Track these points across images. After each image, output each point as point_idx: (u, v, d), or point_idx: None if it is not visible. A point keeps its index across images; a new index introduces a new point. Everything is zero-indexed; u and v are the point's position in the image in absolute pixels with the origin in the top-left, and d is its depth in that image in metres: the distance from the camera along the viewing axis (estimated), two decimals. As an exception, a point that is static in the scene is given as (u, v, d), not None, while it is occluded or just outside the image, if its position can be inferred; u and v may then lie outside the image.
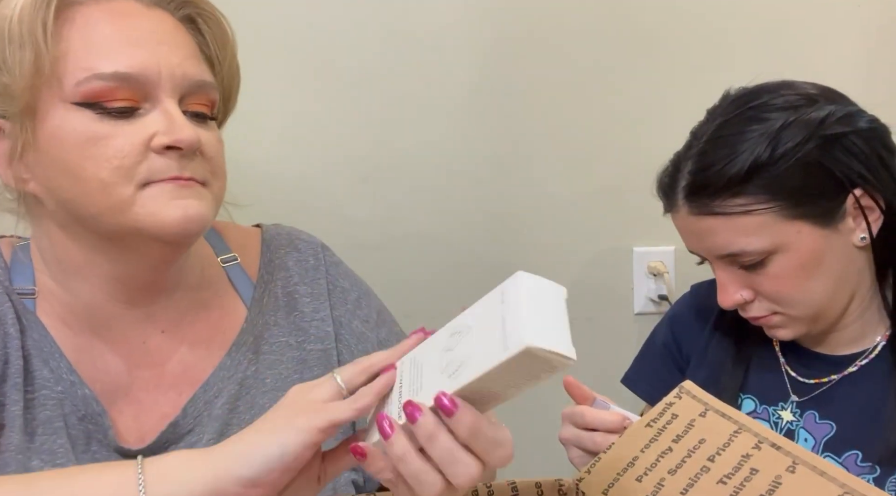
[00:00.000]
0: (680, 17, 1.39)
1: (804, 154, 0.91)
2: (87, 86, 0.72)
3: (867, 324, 0.99)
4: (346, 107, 1.35)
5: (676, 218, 1.00)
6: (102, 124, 0.72)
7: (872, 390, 0.96)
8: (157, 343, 0.83)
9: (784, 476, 0.62)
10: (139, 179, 0.72)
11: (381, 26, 1.34)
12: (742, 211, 0.92)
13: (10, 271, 0.81)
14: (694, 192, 0.95)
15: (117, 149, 0.72)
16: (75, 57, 0.72)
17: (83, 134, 0.72)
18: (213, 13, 0.81)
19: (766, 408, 1.02)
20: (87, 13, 0.73)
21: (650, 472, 0.68)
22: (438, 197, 1.40)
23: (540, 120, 1.40)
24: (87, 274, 0.79)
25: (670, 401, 0.72)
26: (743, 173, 0.91)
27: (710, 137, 0.95)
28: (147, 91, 0.74)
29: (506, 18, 1.37)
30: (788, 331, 0.98)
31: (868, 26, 1.39)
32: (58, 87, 0.72)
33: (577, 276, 1.44)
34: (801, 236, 0.92)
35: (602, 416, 0.86)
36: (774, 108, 0.94)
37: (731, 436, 0.66)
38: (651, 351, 1.17)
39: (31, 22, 0.71)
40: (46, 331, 0.79)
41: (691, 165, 0.96)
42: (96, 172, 0.72)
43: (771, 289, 0.95)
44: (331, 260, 0.93)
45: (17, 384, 0.76)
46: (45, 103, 0.72)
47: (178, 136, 0.73)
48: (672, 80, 1.39)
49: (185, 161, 0.74)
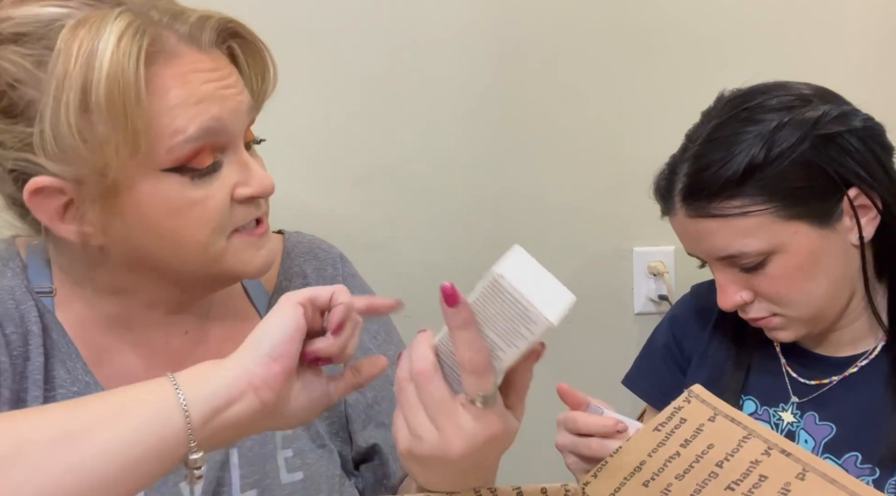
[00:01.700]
0: (680, 17, 1.38)
1: (799, 154, 0.91)
2: (177, 152, 0.71)
3: (867, 325, 0.99)
4: (345, 107, 1.35)
5: (674, 221, 1.00)
6: (194, 188, 0.72)
7: (872, 392, 0.97)
8: (180, 343, 0.84)
9: (793, 483, 0.62)
10: (228, 231, 0.75)
11: (381, 27, 1.34)
12: (739, 213, 0.92)
13: (27, 270, 0.81)
14: (691, 194, 0.95)
15: (212, 210, 0.73)
16: (159, 124, 0.70)
17: (178, 200, 0.72)
18: (254, 42, 0.80)
19: (767, 409, 1.02)
20: (160, 80, 0.70)
21: (657, 477, 0.68)
22: (438, 197, 1.39)
23: (540, 120, 1.40)
24: (130, 294, 0.80)
25: (679, 405, 0.71)
26: (739, 175, 0.91)
27: (705, 139, 0.95)
28: (223, 142, 0.74)
29: (506, 19, 1.36)
30: (789, 333, 0.98)
31: (868, 26, 1.39)
32: (148, 157, 0.70)
33: (577, 276, 1.44)
34: (798, 237, 0.92)
35: (594, 421, 0.86)
36: (769, 109, 0.94)
37: (741, 441, 0.66)
38: (652, 351, 1.17)
39: (123, 95, 0.67)
40: (64, 331, 0.80)
41: (687, 168, 0.96)
42: (194, 236, 0.73)
43: (770, 290, 0.95)
44: (348, 271, 0.94)
45: (38, 381, 0.77)
46: (133, 173, 0.70)
47: (258, 188, 0.76)
48: (672, 81, 1.39)
49: (259, 201, 0.78)
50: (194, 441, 0.62)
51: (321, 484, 0.84)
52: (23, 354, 0.78)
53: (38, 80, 0.68)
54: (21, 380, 0.77)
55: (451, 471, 0.64)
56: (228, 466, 0.82)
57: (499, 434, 0.62)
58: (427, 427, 0.62)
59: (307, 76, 1.33)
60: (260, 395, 0.63)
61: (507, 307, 0.59)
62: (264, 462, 0.83)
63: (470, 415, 0.61)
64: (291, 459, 0.84)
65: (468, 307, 0.60)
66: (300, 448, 0.84)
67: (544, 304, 0.58)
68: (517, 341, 0.60)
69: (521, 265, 0.60)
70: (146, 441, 0.60)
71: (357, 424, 0.89)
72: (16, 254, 0.82)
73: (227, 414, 0.63)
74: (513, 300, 0.59)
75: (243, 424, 0.64)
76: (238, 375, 0.63)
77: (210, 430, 0.63)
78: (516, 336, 0.60)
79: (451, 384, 0.63)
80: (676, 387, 1.10)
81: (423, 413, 0.62)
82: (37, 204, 0.71)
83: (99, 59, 0.66)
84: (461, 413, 0.62)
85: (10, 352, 0.77)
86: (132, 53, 0.67)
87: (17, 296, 0.79)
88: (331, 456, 0.86)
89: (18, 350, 0.77)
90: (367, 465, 0.90)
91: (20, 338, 0.78)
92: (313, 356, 0.67)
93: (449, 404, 0.62)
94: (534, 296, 0.58)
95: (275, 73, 0.82)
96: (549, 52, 1.38)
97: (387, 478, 0.89)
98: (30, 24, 0.69)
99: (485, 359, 0.60)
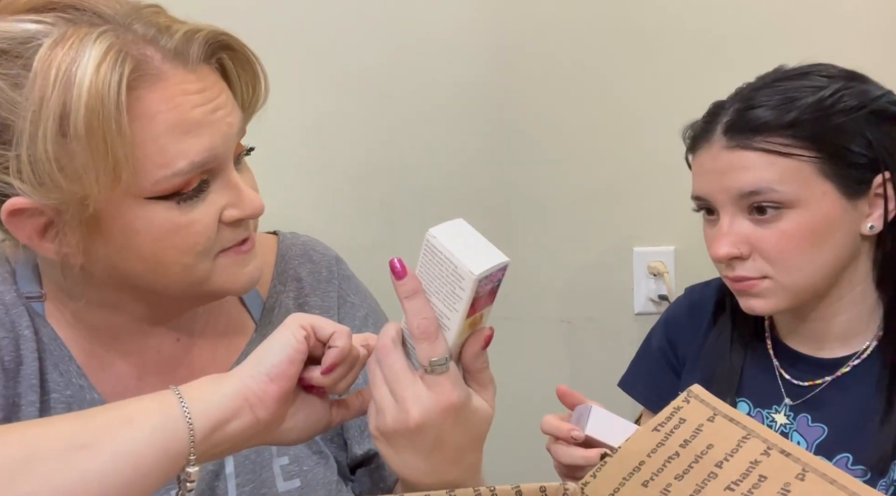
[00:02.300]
0: (680, 17, 1.38)
1: (854, 119, 0.92)
2: (165, 184, 0.68)
3: (858, 325, 0.99)
4: (345, 107, 1.35)
5: (703, 155, 0.97)
6: (180, 212, 0.70)
7: (864, 393, 0.96)
8: (171, 350, 0.83)
9: (793, 483, 0.61)
10: (214, 252, 0.74)
11: (381, 27, 1.34)
12: (783, 151, 0.91)
13: (15, 275, 0.81)
14: (738, 126, 0.94)
15: (199, 234, 0.72)
16: (145, 153, 0.67)
17: (164, 226, 0.70)
18: (245, 53, 0.77)
19: (760, 411, 1.02)
20: (145, 105, 0.67)
21: (656, 477, 0.67)
22: (438, 197, 1.39)
23: (539, 120, 1.40)
24: (117, 308, 0.79)
25: (678, 405, 0.71)
26: (796, 115, 0.91)
27: (765, 85, 0.96)
28: (213, 167, 0.72)
29: (505, 19, 1.36)
30: (769, 302, 0.96)
31: (869, 26, 1.38)
32: (132, 186, 0.67)
33: (577, 276, 1.44)
34: (825, 198, 0.92)
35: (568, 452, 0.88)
36: (833, 74, 0.95)
37: (740, 441, 0.66)
38: (647, 354, 1.17)
39: (103, 125, 0.64)
40: (56, 335, 0.79)
41: (739, 104, 0.95)
42: (180, 259, 0.72)
43: (774, 246, 0.93)
44: (344, 273, 0.93)
45: (34, 385, 0.77)
46: (114, 202, 0.68)
47: (249, 210, 0.74)
48: (672, 81, 1.39)
49: (248, 222, 0.77)
50: (194, 454, 0.62)
51: (318, 490, 0.84)
52: (15, 359, 0.77)
53: (13, 103, 0.65)
54: (14, 385, 0.76)
55: (416, 449, 0.65)
56: (224, 475, 0.81)
57: (455, 403, 0.64)
58: (388, 400, 0.65)
59: (306, 76, 1.33)
60: (255, 412, 0.64)
61: (441, 268, 0.62)
62: (260, 471, 0.83)
63: (425, 385, 0.64)
64: (288, 467, 0.83)
65: (415, 277, 0.64)
66: (296, 455, 0.84)
67: (470, 261, 0.61)
68: (455, 304, 0.62)
69: (457, 230, 0.63)
70: (153, 452, 0.61)
71: (353, 432, 0.88)
72: (4, 261, 0.81)
73: (227, 429, 0.64)
74: (443, 259, 0.61)
75: (238, 439, 0.65)
76: (236, 390, 0.64)
77: (209, 444, 0.63)
78: (453, 297, 0.62)
79: (413, 362, 0.65)
80: (671, 389, 1.09)
81: (386, 388, 0.65)
82: (14, 224, 0.69)
83: (77, 86, 0.63)
84: (417, 382, 0.64)
85: (2, 357, 0.76)
86: (112, 82, 0.64)
87: (6, 302, 0.78)
88: (327, 462, 0.86)
89: (11, 355, 0.77)
90: (364, 470, 0.90)
91: (11, 343, 0.77)
92: (307, 384, 0.69)
93: (406, 375, 0.64)
94: (462, 254, 0.61)
95: (266, 85, 0.79)
96: (549, 52, 1.38)
97: (383, 481, 0.88)
98: (5, 41, 0.66)
99: (433, 325, 0.63)
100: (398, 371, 0.64)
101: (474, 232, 0.64)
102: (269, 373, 0.65)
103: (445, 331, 0.64)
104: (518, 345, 1.43)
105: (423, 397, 0.63)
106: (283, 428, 0.68)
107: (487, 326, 0.66)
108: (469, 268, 0.60)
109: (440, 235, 0.62)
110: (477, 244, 0.63)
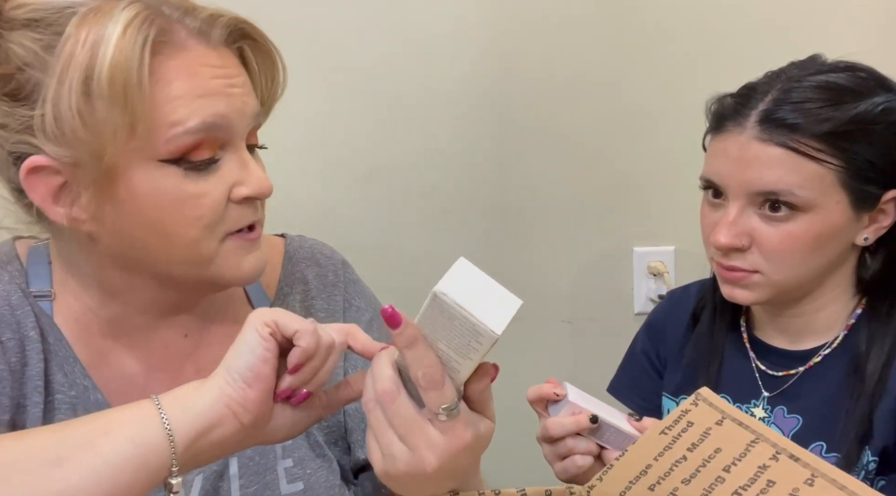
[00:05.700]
0: (681, 17, 1.38)
1: (891, 136, 0.92)
2: (175, 143, 0.70)
3: (835, 321, 1.00)
4: (346, 107, 1.35)
5: (728, 138, 0.95)
6: (190, 182, 0.72)
7: (834, 382, 0.97)
8: (179, 347, 0.83)
9: (802, 489, 0.61)
10: (221, 232, 0.74)
11: (381, 26, 1.34)
12: (814, 156, 0.90)
13: (26, 274, 0.81)
14: (775, 118, 0.91)
15: (206, 207, 0.72)
16: (160, 113, 0.70)
17: (172, 193, 0.71)
18: (265, 44, 0.80)
19: (740, 405, 1.03)
20: (164, 70, 0.70)
21: (663, 481, 0.67)
22: (438, 197, 1.39)
23: (540, 120, 1.40)
24: (125, 296, 0.79)
25: (686, 408, 0.71)
26: (837, 123, 0.90)
27: (805, 77, 0.94)
28: (224, 139, 0.73)
29: (506, 19, 1.36)
30: (753, 295, 0.96)
31: (869, 26, 1.38)
32: (145, 146, 0.70)
33: (577, 276, 1.44)
34: (836, 207, 0.92)
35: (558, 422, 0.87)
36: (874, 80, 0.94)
37: (748, 445, 0.65)
38: (631, 360, 1.18)
39: (125, 80, 0.67)
40: (62, 335, 0.79)
41: (779, 94, 0.93)
42: (186, 231, 0.72)
43: (776, 245, 0.93)
44: (350, 277, 0.93)
45: (38, 386, 0.77)
46: (129, 160, 0.70)
47: (257, 188, 0.75)
48: (672, 81, 1.39)
49: (256, 204, 0.77)
50: (176, 466, 0.62)
51: (321, 494, 0.83)
52: (21, 360, 0.77)
53: (45, 63, 0.69)
54: (20, 386, 0.76)
55: (430, 483, 0.64)
56: (227, 476, 0.81)
57: (470, 441, 0.62)
58: (399, 447, 0.62)
59: (306, 76, 1.32)
60: (239, 419, 0.64)
61: (453, 322, 0.59)
62: (264, 473, 0.82)
63: (438, 430, 0.61)
64: (291, 469, 0.83)
65: (412, 326, 0.60)
66: (300, 457, 0.84)
67: (487, 316, 0.58)
68: (470, 353, 0.60)
69: (463, 278, 0.60)
70: (131, 466, 0.61)
71: (357, 435, 0.88)
72: (15, 258, 0.82)
73: (210, 437, 0.64)
74: (457, 315, 0.58)
75: (225, 445, 0.65)
76: (217, 398, 0.64)
77: (192, 453, 0.63)
78: (469, 348, 0.60)
79: (417, 399, 0.62)
80: (655, 393, 1.12)
81: (393, 433, 0.62)
82: (31, 183, 0.71)
83: (105, 44, 0.67)
84: (429, 428, 0.62)
85: (8, 359, 0.76)
86: (138, 41, 0.68)
87: (12, 302, 0.78)
88: (330, 465, 0.85)
89: (16, 356, 0.77)
90: (366, 474, 0.89)
91: (17, 344, 0.77)
92: (284, 395, 0.67)
93: (416, 421, 0.62)
94: (476, 310, 0.58)
95: (285, 77, 0.81)
96: (550, 52, 1.37)
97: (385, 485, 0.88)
98: (43, 11, 0.70)
99: (438, 373, 0.60)
100: (406, 417, 0.62)
101: (478, 272, 0.61)
102: (244, 378, 0.64)
103: (453, 374, 0.61)
104: (518, 346, 1.43)
105: (437, 443, 0.61)
106: (271, 427, 0.68)
107: (491, 362, 0.64)
108: (490, 328, 0.58)
109: (450, 292, 0.58)
110: (487, 290, 0.60)
